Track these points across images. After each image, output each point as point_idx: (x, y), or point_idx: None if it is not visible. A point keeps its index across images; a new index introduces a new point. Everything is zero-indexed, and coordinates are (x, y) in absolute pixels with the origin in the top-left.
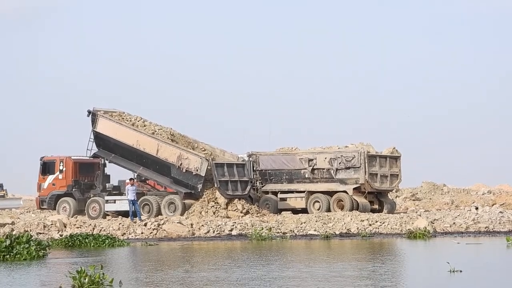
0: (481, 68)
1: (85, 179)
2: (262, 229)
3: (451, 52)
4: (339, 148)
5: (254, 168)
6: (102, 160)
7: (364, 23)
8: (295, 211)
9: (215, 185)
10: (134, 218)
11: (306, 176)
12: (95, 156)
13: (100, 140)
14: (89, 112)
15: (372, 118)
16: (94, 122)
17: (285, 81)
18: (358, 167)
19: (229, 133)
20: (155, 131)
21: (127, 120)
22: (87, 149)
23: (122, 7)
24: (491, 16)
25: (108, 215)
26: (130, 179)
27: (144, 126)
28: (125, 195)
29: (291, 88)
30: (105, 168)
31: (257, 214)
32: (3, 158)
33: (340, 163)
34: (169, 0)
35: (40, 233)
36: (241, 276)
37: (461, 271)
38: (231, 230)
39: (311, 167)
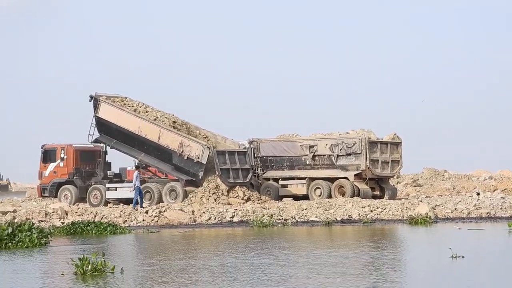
0: (481, 57)
1: (86, 167)
2: (264, 216)
3: (455, 40)
4: (340, 135)
5: (255, 155)
6: (103, 147)
7: (367, 13)
8: (296, 197)
9: (217, 173)
10: (136, 206)
11: (307, 162)
12: (96, 141)
13: (102, 125)
14: (91, 97)
15: (374, 104)
16: (96, 107)
17: (287, 67)
18: (359, 154)
19: (230, 119)
20: (157, 117)
21: (129, 106)
22: (89, 134)
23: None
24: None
25: (109, 202)
26: (137, 167)
27: (146, 112)
28: (126, 182)
29: (293, 74)
30: (106, 155)
31: (258, 201)
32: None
33: (341, 149)
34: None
35: (42, 221)
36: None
37: (463, 257)
38: (233, 217)
39: (312, 154)
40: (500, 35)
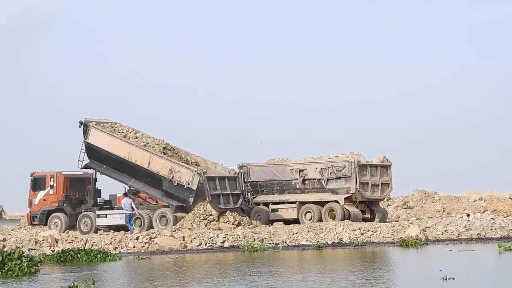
0: (471, 77)
1: (76, 194)
2: (254, 240)
3: (441, 61)
4: (329, 158)
5: (245, 180)
6: (93, 174)
7: (353, 33)
8: (287, 221)
9: (207, 199)
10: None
11: (297, 186)
12: (86, 167)
13: (92, 151)
14: (81, 123)
15: (362, 127)
16: (85, 133)
17: (275, 90)
18: (349, 177)
19: (221, 143)
20: (147, 143)
21: (119, 132)
22: (79, 160)
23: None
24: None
25: (99, 229)
26: (125, 193)
27: (136, 138)
28: (116, 209)
29: (281, 97)
30: (96, 182)
31: (249, 225)
32: None
33: (331, 173)
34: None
35: (32, 249)
36: None
37: (453, 279)
38: (223, 242)
39: (302, 178)
40: (490, 54)
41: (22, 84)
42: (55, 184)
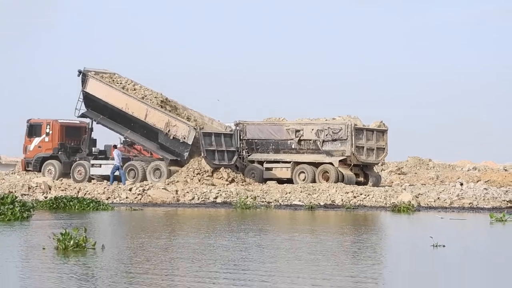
0: (473, 47)
1: (72, 143)
2: (247, 197)
3: (443, 23)
4: (326, 120)
5: (241, 137)
6: (89, 124)
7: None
8: (280, 181)
9: (202, 154)
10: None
11: (293, 146)
12: (83, 116)
13: (89, 100)
14: (80, 72)
15: (361, 91)
16: (84, 82)
17: (274, 51)
18: (344, 140)
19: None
20: (145, 95)
21: (118, 83)
22: (76, 109)
23: None
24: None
25: (93, 179)
26: (114, 145)
27: (134, 89)
28: (110, 159)
29: (280, 58)
30: (92, 132)
31: (242, 182)
32: None
33: (327, 135)
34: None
35: (25, 195)
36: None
37: (444, 246)
38: (216, 197)
39: (298, 138)
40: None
41: (26, 31)
42: (50, 132)
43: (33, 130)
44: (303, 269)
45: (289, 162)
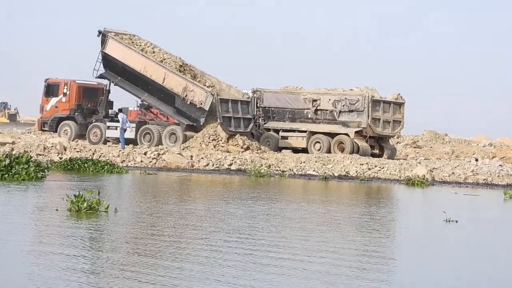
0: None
1: (88, 104)
2: (261, 165)
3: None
4: (343, 91)
5: (258, 105)
6: (107, 86)
7: None
8: (295, 150)
9: (218, 121)
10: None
11: (309, 116)
12: (101, 77)
13: (108, 61)
14: (100, 32)
15: (380, 63)
16: (103, 42)
17: (295, 22)
18: (361, 111)
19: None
20: (164, 59)
21: (137, 45)
22: (94, 69)
23: None
24: None
25: (108, 141)
26: (119, 109)
27: (153, 52)
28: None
29: (302, 29)
30: (109, 94)
31: (257, 150)
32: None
33: (343, 105)
34: None
35: (40, 155)
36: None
37: (456, 221)
38: (231, 164)
39: (315, 108)
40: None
41: None
42: (68, 92)
43: (51, 89)
44: (306, 240)
45: (305, 132)
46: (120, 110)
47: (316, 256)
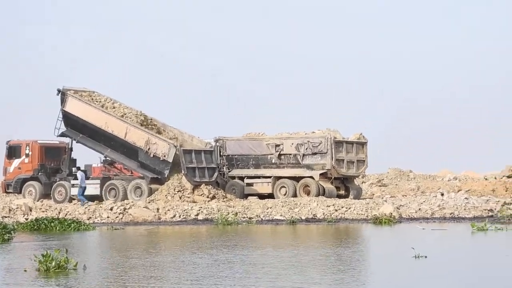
0: (451, 54)
1: (52, 163)
2: (228, 214)
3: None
4: (306, 134)
5: (221, 153)
6: (69, 143)
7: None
8: (261, 196)
9: (183, 172)
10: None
11: (273, 161)
12: (62, 135)
13: (69, 119)
14: (59, 91)
15: (339, 104)
16: (63, 101)
17: (251, 66)
18: (324, 153)
19: (197, 116)
20: (125, 113)
21: (97, 101)
22: (55, 128)
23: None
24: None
25: (74, 199)
26: (78, 168)
27: (114, 108)
28: (91, 179)
29: (258, 73)
30: (72, 152)
31: (223, 199)
32: None
33: (306, 148)
34: None
35: (6, 217)
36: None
37: (426, 257)
38: (197, 214)
39: (278, 153)
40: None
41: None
42: (30, 153)
43: (13, 151)
44: (270, 285)
45: (269, 177)
46: (79, 168)
47: None
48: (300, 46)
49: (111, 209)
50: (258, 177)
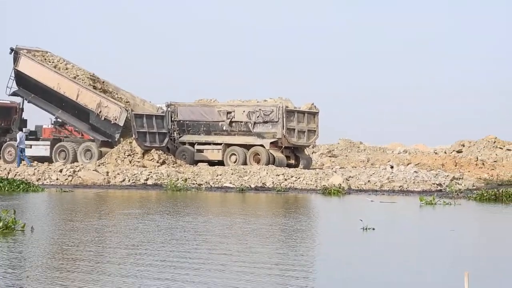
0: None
1: (2, 123)
2: (178, 179)
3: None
4: (257, 102)
5: (172, 119)
6: (20, 103)
7: None
8: (211, 163)
9: (133, 136)
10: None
11: (224, 128)
12: (14, 94)
13: (21, 79)
14: (12, 49)
15: (292, 73)
16: (16, 60)
17: (209, 31)
18: (276, 122)
19: (151, 80)
20: (77, 75)
21: (50, 61)
22: (7, 87)
23: None
24: None
25: (23, 159)
26: (20, 129)
27: (67, 69)
28: (41, 140)
29: (215, 38)
30: (23, 112)
31: (173, 164)
32: None
33: (258, 116)
34: None
35: None
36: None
37: (374, 229)
38: (147, 179)
39: (229, 120)
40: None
41: None
42: None
43: None
44: (207, 253)
45: (220, 144)
46: (20, 129)
47: (211, 270)
48: (254, 15)
49: (60, 171)
50: (209, 143)
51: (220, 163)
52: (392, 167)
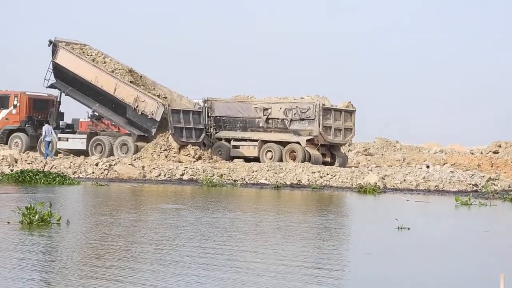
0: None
1: (39, 116)
2: (213, 175)
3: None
4: (294, 99)
5: (209, 114)
6: (58, 97)
7: None
8: (247, 159)
9: (170, 131)
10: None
11: (260, 125)
12: (52, 86)
13: (59, 71)
14: (50, 42)
15: (330, 71)
16: (54, 52)
17: (245, 30)
18: (312, 119)
19: (187, 77)
20: (115, 69)
21: (88, 55)
22: (45, 79)
23: None
24: None
25: (60, 152)
26: (47, 121)
27: (105, 62)
28: (78, 133)
29: (252, 37)
30: (60, 105)
31: (209, 160)
32: None
33: (295, 114)
34: None
35: None
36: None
37: (409, 229)
38: (182, 174)
39: (266, 117)
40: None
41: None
42: (18, 104)
43: (0, 101)
44: (229, 249)
45: (256, 141)
46: (47, 122)
47: (225, 265)
48: (294, 15)
49: (96, 165)
50: (245, 140)
51: (256, 159)
52: (428, 166)
